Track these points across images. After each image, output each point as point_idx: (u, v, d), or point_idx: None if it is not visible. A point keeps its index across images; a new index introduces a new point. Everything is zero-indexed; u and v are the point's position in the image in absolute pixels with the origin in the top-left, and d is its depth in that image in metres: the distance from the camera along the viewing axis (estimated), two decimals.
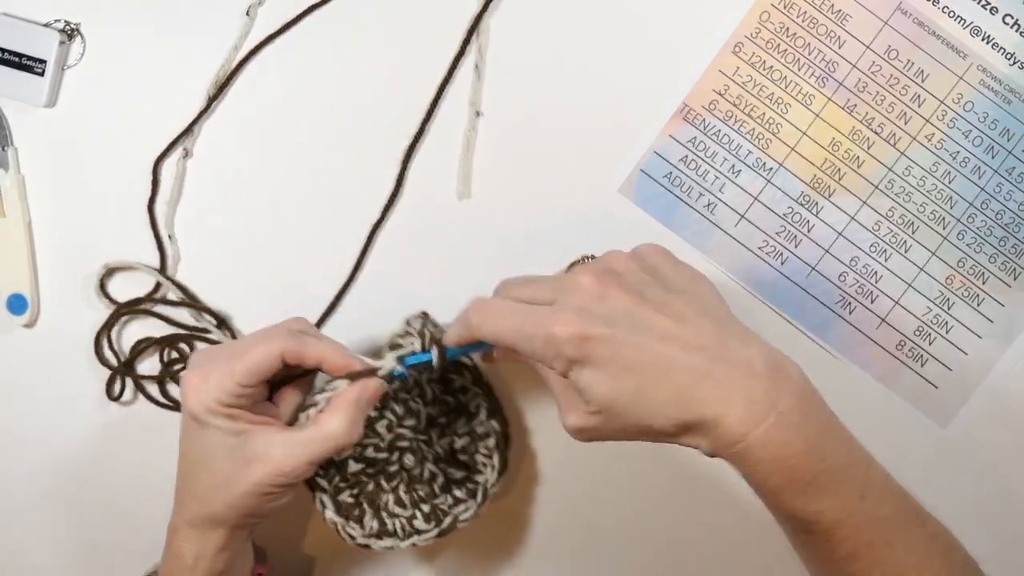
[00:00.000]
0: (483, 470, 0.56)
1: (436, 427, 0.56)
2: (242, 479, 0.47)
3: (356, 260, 0.59)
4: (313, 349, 0.49)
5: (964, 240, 0.59)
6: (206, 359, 0.49)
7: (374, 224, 0.59)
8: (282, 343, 0.48)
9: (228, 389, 0.47)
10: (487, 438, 0.56)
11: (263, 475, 0.47)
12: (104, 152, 0.58)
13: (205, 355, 0.50)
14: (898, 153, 0.59)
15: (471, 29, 0.58)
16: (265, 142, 0.59)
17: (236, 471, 0.48)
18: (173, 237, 0.58)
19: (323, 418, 0.49)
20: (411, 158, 0.59)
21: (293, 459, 0.47)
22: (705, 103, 0.59)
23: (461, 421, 0.57)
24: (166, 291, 0.58)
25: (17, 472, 0.60)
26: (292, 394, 0.52)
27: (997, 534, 0.60)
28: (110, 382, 0.58)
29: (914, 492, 0.59)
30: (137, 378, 0.58)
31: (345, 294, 0.59)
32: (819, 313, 0.59)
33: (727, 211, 0.59)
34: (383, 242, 0.59)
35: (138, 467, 0.60)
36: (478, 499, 0.55)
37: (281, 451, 0.47)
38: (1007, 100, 0.59)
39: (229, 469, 0.48)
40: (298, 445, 0.48)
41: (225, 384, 0.47)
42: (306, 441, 0.48)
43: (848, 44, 0.59)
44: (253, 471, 0.47)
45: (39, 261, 0.59)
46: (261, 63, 0.58)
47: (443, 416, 0.56)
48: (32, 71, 0.57)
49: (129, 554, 0.59)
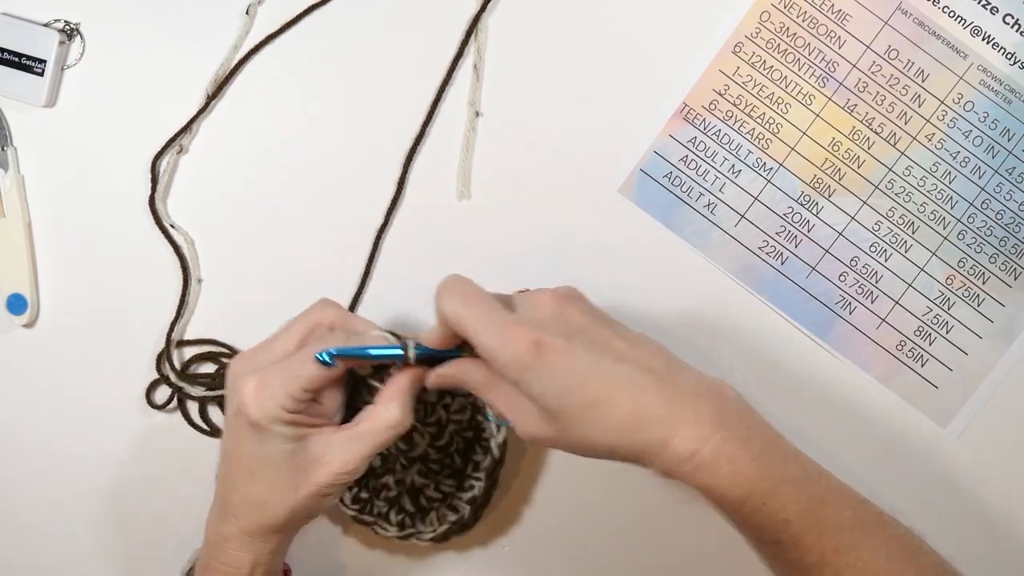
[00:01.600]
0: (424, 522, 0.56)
1: (424, 465, 0.56)
2: (305, 484, 0.47)
3: (366, 265, 0.59)
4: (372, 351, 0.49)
5: (964, 240, 0.59)
6: (258, 363, 0.48)
7: (379, 227, 0.59)
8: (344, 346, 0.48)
9: (295, 395, 0.46)
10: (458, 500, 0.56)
11: (325, 477, 0.47)
12: (104, 152, 0.58)
13: (253, 360, 0.48)
14: (898, 153, 0.59)
15: (470, 29, 0.58)
16: (264, 142, 0.59)
17: (297, 476, 0.47)
18: (177, 226, 0.58)
19: (378, 410, 0.48)
20: (412, 159, 0.59)
21: (354, 455, 0.47)
22: (705, 103, 0.59)
23: (450, 481, 0.56)
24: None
25: (16, 473, 0.60)
26: (334, 390, 0.50)
27: (997, 534, 0.60)
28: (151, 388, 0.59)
29: (914, 492, 0.60)
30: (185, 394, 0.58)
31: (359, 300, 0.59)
32: (819, 313, 0.59)
33: (727, 211, 0.59)
34: (386, 243, 0.59)
35: (139, 467, 0.60)
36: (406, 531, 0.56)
37: (340, 450, 0.47)
38: (1007, 100, 0.59)
39: (291, 475, 0.47)
40: (356, 441, 0.48)
41: (292, 390, 0.46)
42: (364, 436, 0.48)
43: (848, 44, 0.59)
44: (315, 475, 0.47)
45: (39, 261, 0.59)
46: (261, 63, 0.59)
47: (437, 464, 0.56)
48: (32, 71, 0.57)
49: (136, 553, 0.60)
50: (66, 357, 0.59)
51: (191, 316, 0.59)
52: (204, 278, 0.59)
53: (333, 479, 0.47)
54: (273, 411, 0.46)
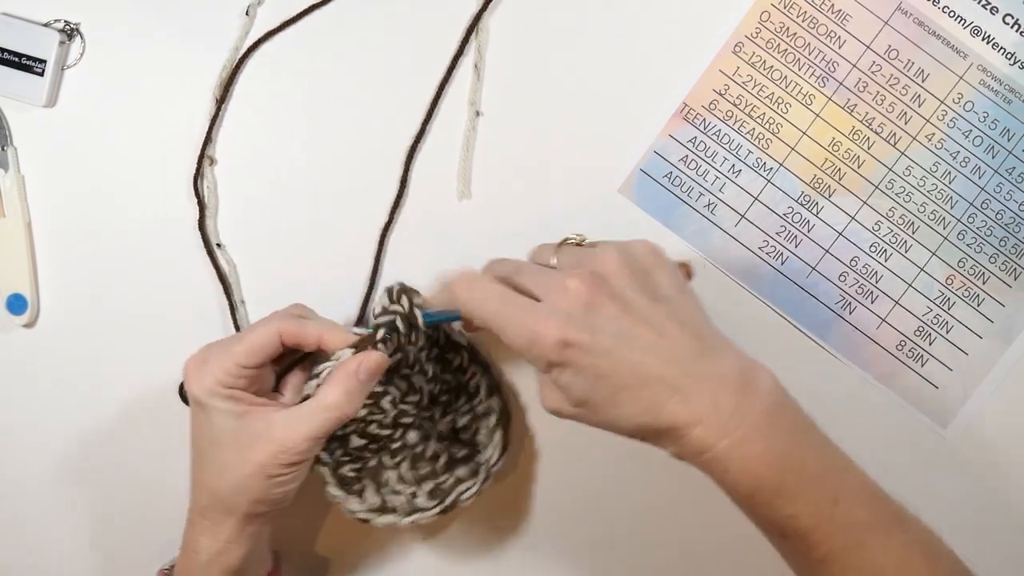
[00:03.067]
0: (484, 449, 0.56)
1: (439, 405, 0.56)
2: (246, 460, 0.48)
3: (372, 266, 0.59)
4: (312, 328, 0.50)
5: (964, 240, 0.59)
6: (207, 347, 0.50)
7: (383, 227, 0.59)
8: (280, 323, 0.50)
9: (228, 369, 0.48)
10: (488, 416, 0.56)
11: (266, 454, 0.47)
12: (104, 152, 0.58)
13: (207, 345, 0.51)
14: (898, 153, 0.59)
15: (470, 29, 0.58)
16: (264, 142, 0.59)
17: (240, 453, 0.48)
18: (222, 246, 0.59)
19: (322, 390, 0.49)
20: (413, 159, 0.59)
21: (295, 434, 0.48)
22: (705, 103, 0.59)
23: (462, 400, 0.57)
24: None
25: (15, 473, 0.60)
26: (297, 380, 0.52)
27: (997, 534, 0.60)
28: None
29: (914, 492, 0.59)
30: None
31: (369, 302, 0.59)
32: (819, 313, 0.59)
33: (727, 211, 0.59)
34: (390, 243, 0.59)
35: (141, 467, 0.59)
36: (480, 478, 0.55)
37: (282, 427, 0.48)
38: (1007, 100, 0.59)
39: (234, 452, 0.48)
40: (298, 420, 0.48)
41: (225, 364, 0.48)
42: (306, 415, 0.48)
43: (848, 44, 0.59)
44: (256, 451, 0.48)
45: (39, 261, 0.59)
46: (261, 64, 0.58)
47: (444, 395, 0.56)
48: (32, 71, 0.57)
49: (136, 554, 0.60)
50: (66, 357, 0.59)
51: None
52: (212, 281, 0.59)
53: (273, 457, 0.47)
54: (209, 385, 0.48)
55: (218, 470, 0.49)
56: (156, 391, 0.59)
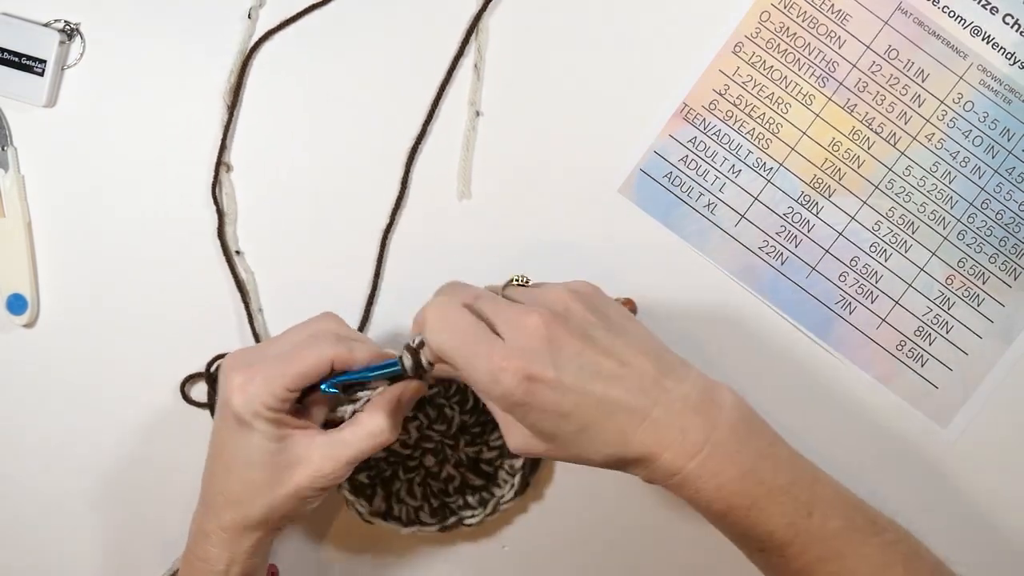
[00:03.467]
0: (502, 485, 0.57)
1: (468, 434, 0.58)
2: (284, 483, 0.48)
3: (375, 268, 0.59)
4: (361, 355, 0.49)
5: (964, 240, 0.59)
6: (249, 360, 0.48)
7: (385, 228, 0.59)
8: (333, 349, 0.48)
9: (277, 394, 0.47)
10: (515, 457, 0.57)
11: (305, 478, 0.48)
12: (104, 152, 0.58)
13: (246, 356, 0.49)
14: (898, 153, 0.59)
15: (470, 29, 0.58)
16: (264, 143, 0.59)
17: (277, 475, 0.48)
18: (241, 253, 0.59)
19: (363, 418, 0.49)
20: (414, 159, 0.59)
21: (334, 461, 0.48)
22: (705, 103, 0.59)
23: (496, 435, 0.58)
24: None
25: (16, 473, 0.60)
26: (321, 399, 0.50)
27: (996, 534, 0.60)
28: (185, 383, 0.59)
29: (913, 492, 0.60)
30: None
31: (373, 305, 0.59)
32: (819, 313, 0.59)
33: (727, 211, 0.59)
34: (391, 244, 0.59)
35: (141, 467, 0.59)
36: (487, 510, 0.57)
37: (322, 454, 0.48)
38: (1007, 100, 0.59)
39: (270, 473, 0.48)
40: (340, 446, 0.48)
41: (273, 388, 0.47)
42: (347, 442, 0.48)
43: (848, 44, 0.59)
44: (295, 475, 0.48)
45: (39, 261, 0.59)
46: (260, 63, 0.58)
47: (479, 426, 0.58)
48: (32, 71, 0.57)
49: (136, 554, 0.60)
50: (66, 357, 0.59)
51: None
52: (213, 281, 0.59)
53: (312, 481, 0.48)
54: (255, 407, 0.47)
55: (250, 488, 0.48)
56: (156, 391, 0.59)
